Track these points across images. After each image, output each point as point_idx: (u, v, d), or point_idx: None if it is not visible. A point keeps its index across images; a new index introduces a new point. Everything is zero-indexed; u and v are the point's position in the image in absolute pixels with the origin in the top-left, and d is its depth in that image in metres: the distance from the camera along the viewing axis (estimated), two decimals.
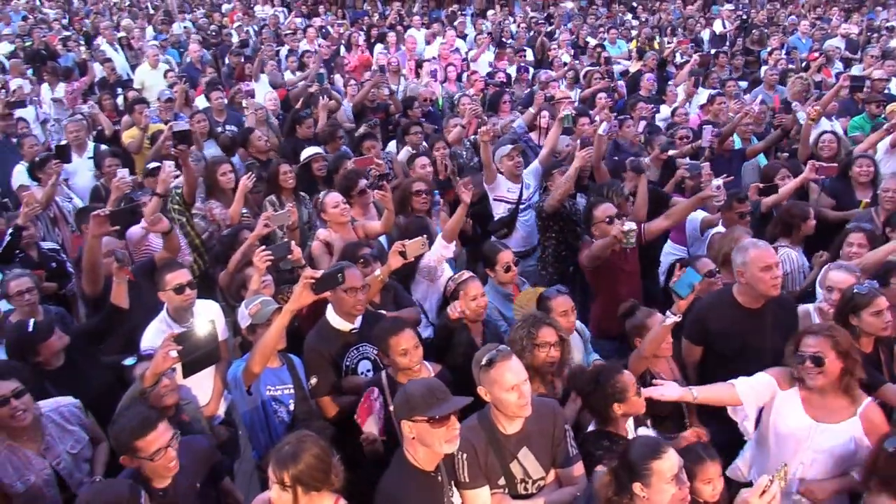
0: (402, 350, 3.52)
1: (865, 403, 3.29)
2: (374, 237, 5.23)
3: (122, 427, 2.96)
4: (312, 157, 6.43)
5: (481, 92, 9.00)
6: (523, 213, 6.00)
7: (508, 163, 5.98)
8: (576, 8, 16.76)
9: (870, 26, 14.40)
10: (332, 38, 12.95)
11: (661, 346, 3.73)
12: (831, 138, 6.66)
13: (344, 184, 5.60)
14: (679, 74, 9.92)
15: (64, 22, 17.34)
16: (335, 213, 5.07)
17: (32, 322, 3.89)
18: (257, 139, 6.89)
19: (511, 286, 4.68)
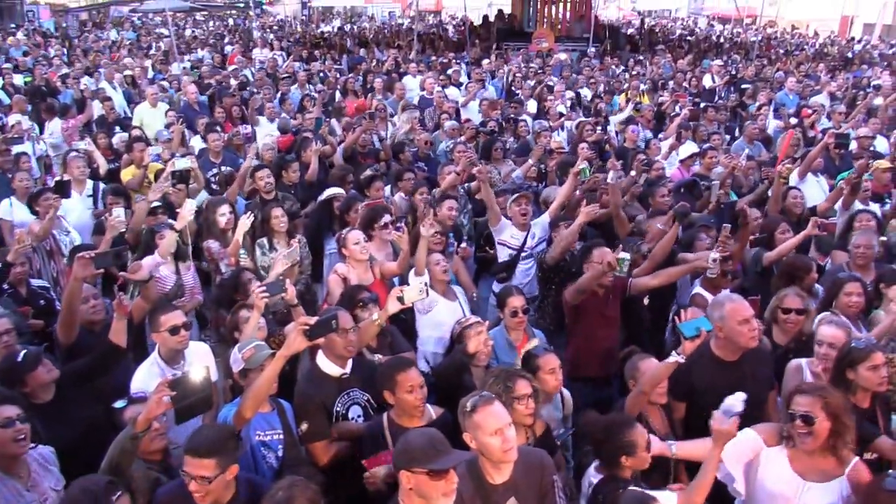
0: (410, 387, 3.56)
1: (853, 463, 3.31)
2: (389, 277, 5.38)
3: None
4: (334, 197, 6.54)
5: (473, 140, 9.12)
6: (524, 261, 6.07)
7: (515, 208, 6.09)
8: (568, 59, 17.06)
9: (855, 84, 14.76)
10: (328, 83, 13.16)
11: (657, 389, 3.80)
12: (798, 194, 6.81)
13: (369, 215, 5.78)
14: (670, 127, 10.08)
15: (64, 59, 17.59)
16: (355, 249, 5.25)
17: (23, 353, 3.87)
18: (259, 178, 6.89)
19: (520, 332, 4.75)
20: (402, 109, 10.49)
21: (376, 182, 7.01)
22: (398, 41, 21.11)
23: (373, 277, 5.31)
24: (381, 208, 5.90)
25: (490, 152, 8.32)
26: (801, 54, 21.89)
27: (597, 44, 19.64)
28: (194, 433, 3.21)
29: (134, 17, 33.41)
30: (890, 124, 11.02)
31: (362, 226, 5.74)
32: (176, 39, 18.98)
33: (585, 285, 4.89)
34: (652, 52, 20.08)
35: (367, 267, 5.33)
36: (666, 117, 10.89)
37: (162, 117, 10.25)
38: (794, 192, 6.83)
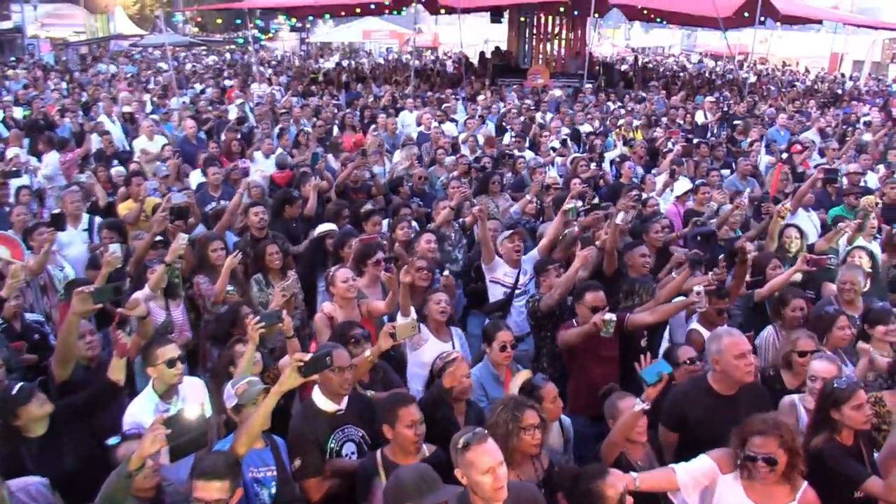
0: (410, 422, 3.57)
1: (803, 488, 3.38)
2: (377, 316, 5.33)
3: None
4: (327, 234, 6.57)
5: (466, 175, 9.20)
6: (519, 297, 6.03)
7: (509, 245, 6.08)
8: (563, 95, 17.25)
9: (845, 120, 14.95)
10: (325, 117, 13.28)
11: (633, 432, 3.82)
12: (794, 233, 6.84)
13: (362, 251, 5.75)
14: (663, 163, 10.16)
15: (63, 91, 17.75)
16: (343, 287, 5.18)
17: (18, 386, 3.86)
18: (253, 214, 6.90)
19: (504, 368, 4.74)
20: (401, 145, 10.60)
21: (374, 217, 7.05)
22: (395, 77, 21.32)
23: (360, 316, 5.25)
24: (376, 244, 5.89)
25: (487, 186, 8.38)
26: (792, 91, 22.21)
27: (591, 80, 19.88)
28: (200, 460, 3.23)
29: (134, 51, 33.78)
30: (880, 160, 11.16)
31: (355, 261, 5.73)
32: (175, 74, 19.20)
33: (573, 340, 4.93)
34: (645, 89, 20.35)
35: (354, 305, 5.28)
36: (659, 153, 10.99)
37: (159, 150, 10.34)
38: (790, 230, 6.88)
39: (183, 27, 42.30)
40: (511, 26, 24.92)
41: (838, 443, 3.72)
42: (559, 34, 23.75)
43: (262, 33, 35.93)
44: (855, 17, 31.67)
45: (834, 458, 3.67)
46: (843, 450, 3.70)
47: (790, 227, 6.95)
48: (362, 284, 5.54)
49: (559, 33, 23.75)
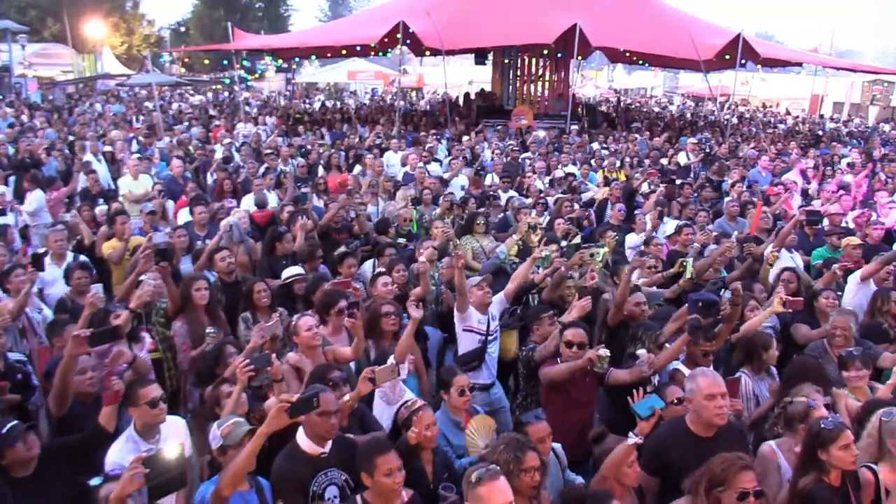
0: (388, 470, 3.53)
1: None
2: (344, 363, 5.22)
3: None
4: (294, 278, 6.51)
5: (449, 212, 9.25)
6: (490, 344, 5.95)
7: (478, 293, 5.92)
8: (548, 137, 17.44)
9: (826, 161, 15.18)
10: (311, 157, 13.35)
11: (623, 470, 3.82)
12: (791, 276, 6.93)
13: (324, 300, 5.65)
14: (646, 204, 10.25)
15: (49, 130, 17.75)
16: (307, 336, 5.07)
17: (9, 426, 3.82)
18: (220, 259, 6.88)
19: (463, 412, 4.70)
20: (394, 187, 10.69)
21: (348, 259, 7.02)
22: (380, 117, 21.51)
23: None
24: (337, 293, 5.74)
25: (472, 226, 8.44)
26: (773, 132, 22.58)
27: (575, 121, 20.14)
28: None
29: (121, 90, 33.92)
30: (863, 202, 11.34)
31: (318, 309, 5.64)
32: (161, 114, 19.28)
33: (559, 377, 4.92)
34: (628, 130, 20.65)
35: (320, 353, 5.16)
36: (636, 194, 11.11)
37: (145, 190, 10.36)
38: (787, 272, 6.97)
39: (170, 67, 42.62)
40: (495, 68, 25.28)
41: (826, 484, 3.72)
42: (543, 76, 24.10)
43: (248, 74, 36.17)
44: (834, 60, 32.40)
45: (823, 499, 3.67)
46: (832, 491, 3.71)
47: (788, 270, 7.05)
48: (327, 332, 5.45)
49: (543, 75, 24.10)
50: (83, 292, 6.34)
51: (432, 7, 19.66)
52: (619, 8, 21.36)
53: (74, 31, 45.07)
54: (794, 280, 6.88)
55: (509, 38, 20.22)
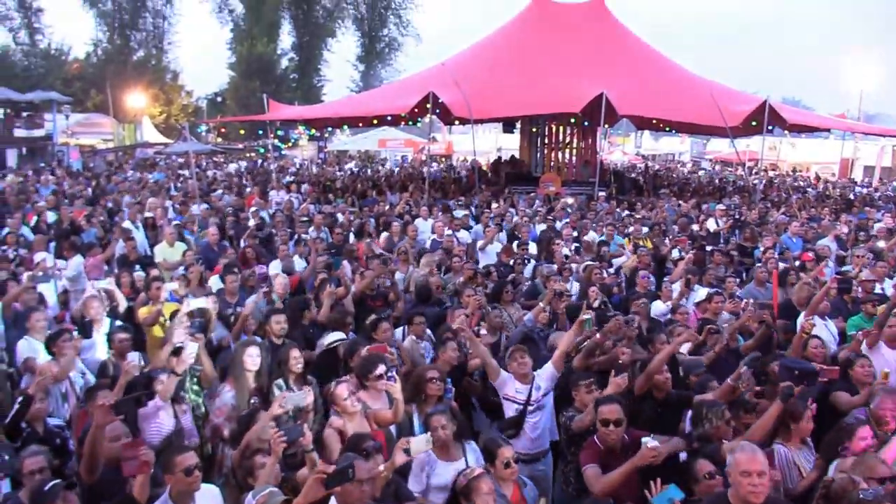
0: None
1: None
2: (385, 426, 5.29)
3: None
4: (336, 344, 6.60)
5: (472, 280, 9.28)
6: (532, 414, 5.87)
7: (513, 364, 5.96)
8: (576, 203, 17.54)
9: (859, 226, 15.03)
10: (342, 224, 13.57)
11: None
12: (818, 343, 6.84)
13: (363, 366, 5.72)
14: (676, 271, 10.22)
15: (88, 197, 18.31)
16: (345, 404, 5.16)
17: (52, 484, 3.92)
18: (275, 322, 7.03)
19: (511, 484, 4.66)
20: (419, 253, 10.81)
21: (382, 324, 7.07)
22: (410, 184, 21.84)
23: (368, 429, 5.21)
24: (375, 358, 5.77)
25: (500, 295, 8.48)
26: (804, 197, 22.48)
27: (603, 188, 20.28)
28: None
29: (158, 158, 34.94)
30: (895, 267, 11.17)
31: (356, 375, 5.70)
32: (197, 181, 19.78)
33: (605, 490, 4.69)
34: (656, 196, 20.71)
35: (362, 417, 5.23)
36: (666, 261, 11.08)
37: (180, 256, 10.61)
38: (815, 340, 6.88)
39: (206, 135, 43.91)
40: (523, 135, 25.67)
41: None
42: (570, 143, 24.40)
43: (282, 143, 37.14)
44: (862, 125, 32.33)
45: None
46: None
47: (814, 338, 6.94)
48: (366, 397, 5.51)
49: (570, 142, 24.40)
50: (124, 355, 6.50)
51: (461, 77, 20.12)
52: (645, 76, 21.67)
53: (116, 101, 46.88)
54: (822, 347, 6.81)
55: (537, 107, 20.54)
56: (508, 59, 21.99)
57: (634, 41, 24.26)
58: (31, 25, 53.14)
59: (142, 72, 54.14)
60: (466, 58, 23.95)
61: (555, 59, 21.29)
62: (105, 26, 56.51)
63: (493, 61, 22.34)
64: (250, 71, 52.17)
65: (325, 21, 60.78)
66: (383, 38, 63.45)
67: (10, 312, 7.93)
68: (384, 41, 63.52)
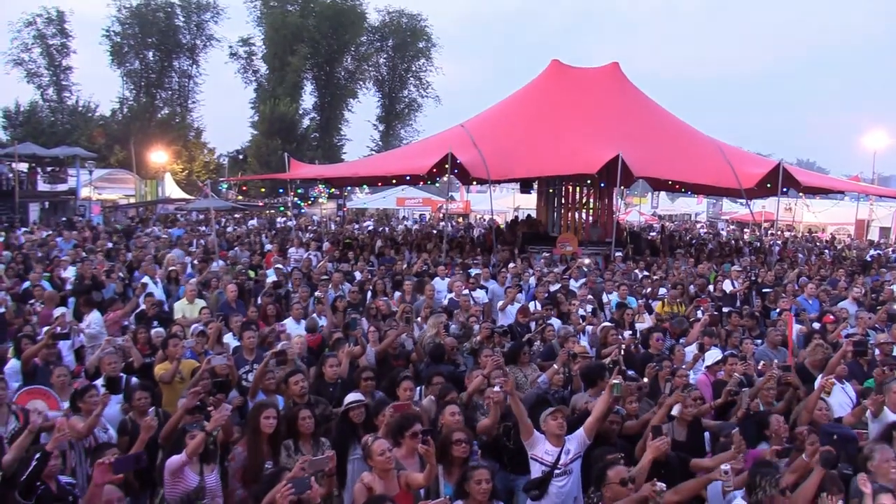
0: None
1: None
2: (416, 489, 5.31)
3: None
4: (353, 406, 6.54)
5: (489, 340, 9.29)
6: (558, 478, 5.73)
7: (552, 423, 5.84)
8: (592, 263, 17.56)
9: (874, 288, 14.95)
10: (359, 283, 13.66)
11: None
12: (823, 407, 6.81)
13: (400, 423, 5.74)
14: (692, 333, 10.18)
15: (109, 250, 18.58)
16: (381, 460, 5.22)
17: None
18: (294, 383, 7.04)
19: None
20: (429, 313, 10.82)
21: (405, 382, 7.09)
22: (427, 243, 21.98)
23: (398, 488, 5.24)
24: (413, 416, 5.86)
25: (518, 356, 8.47)
26: (820, 259, 22.39)
27: (619, 248, 20.31)
28: None
29: (180, 214, 35.47)
30: None
31: (392, 432, 5.72)
32: (217, 237, 20.05)
33: None
34: (673, 257, 20.72)
35: (393, 476, 5.28)
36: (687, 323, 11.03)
37: (198, 314, 10.70)
38: (821, 403, 6.85)
39: (226, 192, 44.64)
40: (540, 196, 25.83)
41: None
42: (587, 203, 24.55)
43: (301, 200, 37.67)
44: (876, 187, 32.38)
45: None
46: None
47: (820, 401, 6.89)
48: (400, 455, 5.54)
49: (587, 203, 24.55)
50: (144, 413, 6.53)
51: (479, 138, 20.44)
52: (660, 138, 21.90)
53: (139, 157, 47.87)
54: (827, 409, 6.77)
55: (553, 168, 20.76)
56: (526, 121, 22.32)
57: (649, 104, 24.58)
58: (60, 83, 54.86)
59: (166, 129, 55.49)
60: (485, 119, 24.32)
61: (571, 121, 21.61)
62: (132, 84, 58.24)
63: (511, 123, 22.68)
64: (272, 130, 53.23)
65: (347, 82, 62.31)
66: (403, 99, 64.91)
67: (30, 367, 8.02)
68: (404, 102, 64.94)
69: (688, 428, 6.67)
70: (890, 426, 6.28)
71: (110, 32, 56.12)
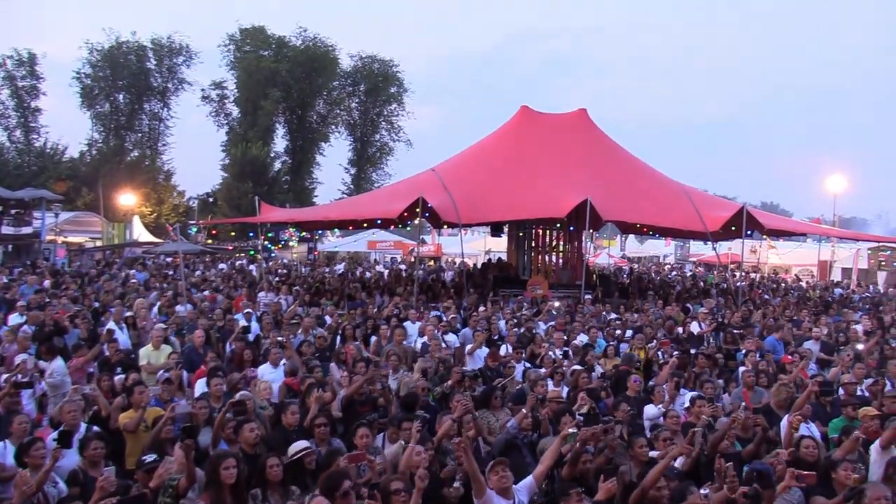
0: None
1: None
2: None
3: None
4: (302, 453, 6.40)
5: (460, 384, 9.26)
6: None
7: (493, 478, 5.77)
8: (563, 307, 17.66)
9: (837, 328, 15.22)
10: (329, 327, 13.56)
11: None
12: (812, 443, 6.89)
13: (328, 484, 5.54)
14: (661, 374, 10.26)
15: (74, 295, 18.20)
16: None
17: None
18: (248, 430, 6.90)
19: None
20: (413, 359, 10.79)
21: (361, 430, 7.00)
22: (398, 287, 21.94)
23: None
24: (340, 475, 5.63)
25: (489, 400, 8.45)
26: (784, 300, 22.76)
27: (589, 291, 20.45)
28: None
29: (147, 258, 35.03)
30: (876, 368, 11.28)
31: (323, 492, 5.48)
32: (185, 281, 19.78)
33: None
34: (642, 299, 20.91)
35: None
36: (653, 364, 11.13)
37: (164, 360, 10.52)
38: (808, 440, 6.94)
39: (196, 235, 44.25)
40: (510, 239, 26.05)
41: None
42: (557, 247, 24.78)
43: (272, 244, 37.44)
44: (835, 230, 33.29)
45: None
46: None
47: (806, 437, 7.02)
48: None
49: (557, 246, 24.78)
50: (96, 464, 6.34)
51: (450, 183, 20.62)
52: (628, 183, 22.31)
53: (107, 200, 47.39)
54: (815, 447, 6.86)
55: (523, 212, 21.02)
56: (496, 166, 22.59)
57: (616, 148, 25.07)
58: (28, 124, 54.41)
59: (135, 172, 55.04)
60: (455, 164, 24.57)
61: (541, 166, 21.94)
62: (101, 127, 57.93)
63: (482, 168, 22.93)
64: (243, 173, 53.09)
65: (319, 126, 62.57)
66: (375, 143, 65.25)
67: None
68: (376, 146, 65.28)
69: (644, 469, 6.66)
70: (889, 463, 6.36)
71: (81, 74, 56.00)
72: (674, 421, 7.95)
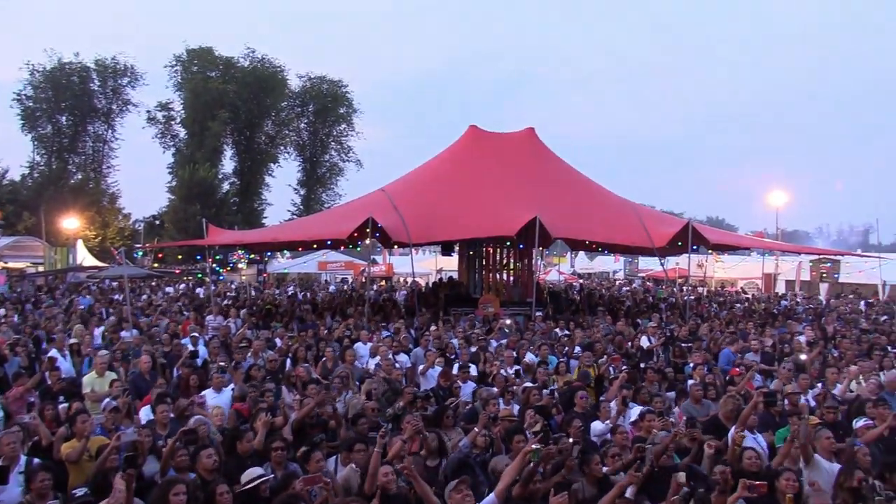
0: None
1: None
2: None
3: None
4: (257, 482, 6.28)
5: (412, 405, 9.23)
6: None
7: (457, 496, 5.72)
8: (513, 325, 17.76)
9: (782, 339, 15.61)
10: (279, 349, 13.40)
11: None
12: (754, 454, 7.02)
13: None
14: (611, 390, 10.36)
15: (14, 323, 17.67)
16: None
17: None
18: (206, 456, 6.75)
19: None
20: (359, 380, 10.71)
21: (314, 454, 6.93)
22: (349, 307, 21.81)
23: None
24: (293, 499, 5.61)
25: (441, 419, 8.44)
26: (730, 312, 23.29)
27: (540, 308, 20.60)
28: None
29: (91, 283, 34.16)
30: (818, 378, 11.60)
31: None
32: (130, 306, 19.36)
33: None
34: (592, 314, 21.16)
35: None
36: (604, 380, 11.27)
37: (108, 387, 10.24)
38: (750, 451, 7.07)
39: (142, 259, 43.32)
40: (461, 258, 26.14)
41: None
42: (507, 264, 24.95)
43: (220, 267, 36.89)
44: (778, 243, 34.33)
45: None
46: None
47: (748, 449, 7.14)
48: None
49: (507, 264, 24.95)
50: (44, 496, 6.13)
51: (400, 203, 20.65)
52: (576, 200, 22.63)
53: (49, 224, 46.14)
54: (757, 458, 6.98)
55: (473, 231, 21.10)
56: (446, 185, 22.72)
57: (565, 166, 25.44)
58: None
59: (78, 195, 53.75)
60: (405, 183, 24.63)
61: (490, 184, 22.12)
62: (43, 149, 56.52)
63: (431, 187, 23.03)
64: (191, 195, 52.25)
65: (268, 147, 62.04)
66: (324, 163, 64.91)
67: None
68: (325, 166, 64.95)
69: (597, 485, 6.73)
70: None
71: (21, 96, 54.69)
72: (623, 437, 8.03)
